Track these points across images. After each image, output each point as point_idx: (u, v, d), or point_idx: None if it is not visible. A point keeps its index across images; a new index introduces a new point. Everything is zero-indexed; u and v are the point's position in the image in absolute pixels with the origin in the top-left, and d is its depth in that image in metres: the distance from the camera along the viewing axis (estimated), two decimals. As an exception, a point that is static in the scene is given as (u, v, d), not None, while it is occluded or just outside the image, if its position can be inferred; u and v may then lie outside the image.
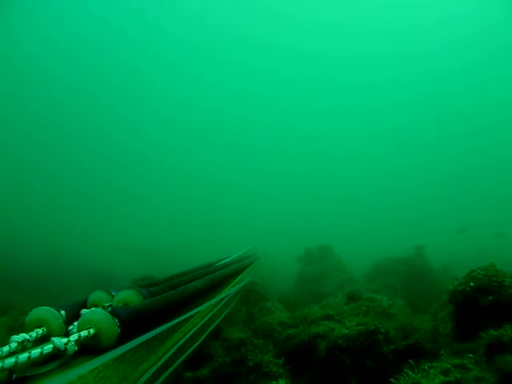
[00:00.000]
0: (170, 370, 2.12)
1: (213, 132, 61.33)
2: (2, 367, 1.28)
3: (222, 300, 3.26)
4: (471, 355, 3.00)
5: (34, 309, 1.75)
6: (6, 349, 1.44)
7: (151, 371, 1.81)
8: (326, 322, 4.85)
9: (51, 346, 1.48)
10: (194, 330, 2.44)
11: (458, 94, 54.62)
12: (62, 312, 1.81)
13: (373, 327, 3.96)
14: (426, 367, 2.81)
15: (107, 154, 51.99)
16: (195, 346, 2.66)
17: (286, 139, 59.39)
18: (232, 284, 3.74)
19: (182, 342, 2.22)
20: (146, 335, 1.79)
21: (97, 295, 2.17)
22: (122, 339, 1.70)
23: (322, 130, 60.10)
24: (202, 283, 2.86)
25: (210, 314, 2.85)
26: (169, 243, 24.94)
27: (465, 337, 4.02)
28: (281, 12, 60.01)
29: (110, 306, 2.09)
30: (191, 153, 57.97)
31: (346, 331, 4.07)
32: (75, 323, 1.74)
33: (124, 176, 49.97)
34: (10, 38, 47.86)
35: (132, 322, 1.79)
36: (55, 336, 1.56)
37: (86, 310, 1.83)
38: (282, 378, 3.81)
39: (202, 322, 2.64)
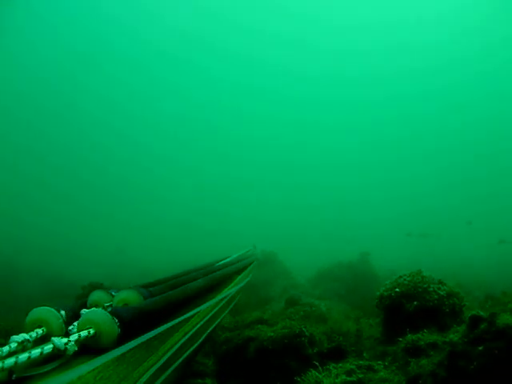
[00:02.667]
0: (170, 370, 2.10)
1: (213, 136, 62.44)
2: (2, 367, 1.27)
3: (222, 300, 3.25)
4: (380, 361, 3.06)
5: (34, 309, 1.75)
6: (5, 349, 1.43)
7: (151, 371, 1.80)
8: (259, 325, 4.88)
9: (51, 346, 1.47)
10: (194, 330, 2.43)
11: (458, 88, 55.45)
12: (62, 312, 1.81)
13: (297, 330, 4.00)
14: (331, 367, 2.84)
15: (93, 159, 52.09)
16: (195, 345, 2.64)
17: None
18: (232, 284, 3.75)
19: (182, 342, 2.20)
20: (146, 335, 1.80)
21: (97, 295, 2.17)
22: (122, 339, 1.69)
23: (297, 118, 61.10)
24: (202, 283, 2.86)
25: (210, 314, 2.85)
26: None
27: (390, 340, 4.09)
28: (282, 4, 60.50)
29: (110, 306, 2.09)
30: (186, 159, 58.42)
31: (272, 334, 4.09)
32: (75, 323, 1.73)
33: (112, 179, 50.14)
34: (11, 38, 46.86)
35: (132, 322, 1.79)
36: (55, 336, 1.55)
37: (86, 310, 1.84)
38: (209, 377, 4.13)
39: (202, 322, 2.64)
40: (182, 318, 2.19)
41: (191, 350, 2.52)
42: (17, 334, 1.55)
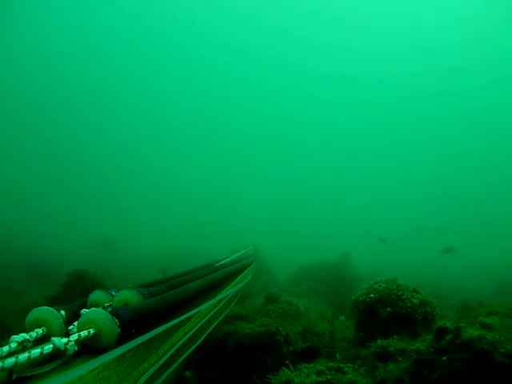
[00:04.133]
0: (170, 369, 2.12)
1: (213, 135, 61.61)
2: (2, 367, 1.27)
3: (222, 300, 3.27)
4: (350, 364, 3.20)
5: (34, 309, 1.73)
6: (5, 349, 1.42)
7: (151, 371, 1.81)
8: (238, 321, 4.98)
9: (51, 345, 1.47)
10: (194, 330, 2.44)
11: (470, 92, 55.79)
12: (62, 312, 1.79)
13: (274, 329, 4.12)
14: (303, 367, 2.97)
15: (103, 153, 51.47)
16: (195, 345, 2.67)
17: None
18: (232, 284, 3.76)
19: (182, 341, 2.21)
20: (146, 335, 1.81)
21: (97, 295, 2.15)
22: (122, 339, 1.69)
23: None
24: (202, 283, 2.87)
25: (210, 314, 2.86)
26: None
27: (363, 344, 4.23)
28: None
29: (111, 305, 2.08)
30: (190, 155, 57.75)
31: (249, 331, 4.20)
32: (75, 323, 1.72)
33: (118, 173, 49.36)
34: (12, 38, 45.98)
35: (132, 322, 1.79)
36: (55, 336, 1.54)
37: (86, 310, 1.81)
38: (188, 369, 4.10)
39: (202, 322, 2.65)
40: (182, 317, 2.21)
41: (191, 350, 2.54)
42: None
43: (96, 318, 1.66)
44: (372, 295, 4.57)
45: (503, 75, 53.52)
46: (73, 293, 6.61)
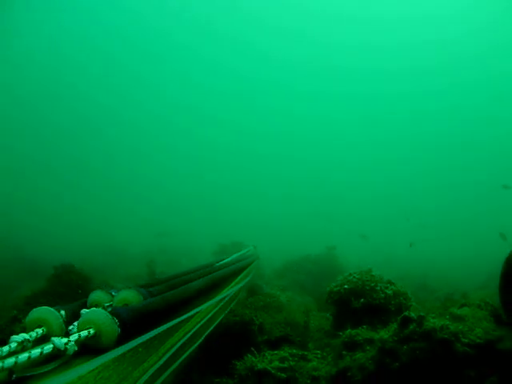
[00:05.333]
0: (170, 369, 2.14)
1: (214, 133, 60.27)
2: (2, 367, 1.26)
3: (222, 300, 3.29)
4: (318, 351, 3.25)
5: (34, 309, 1.72)
6: (5, 349, 1.42)
7: (151, 371, 1.82)
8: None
9: (51, 345, 1.47)
10: (194, 330, 2.45)
11: (466, 87, 55.79)
12: (62, 312, 1.79)
13: (248, 318, 4.16)
14: (267, 354, 3.02)
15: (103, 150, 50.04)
16: (195, 345, 2.68)
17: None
18: (232, 284, 3.79)
19: (182, 341, 2.22)
20: (146, 335, 1.83)
21: (97, 295, 2.15)
22: (122, 339, 1.71)
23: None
24: (203, 283, 2.89)
25: (210, 314, 2.88)
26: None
27: (336, 334, 4.27)
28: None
29: (111, 305, 2.08)
30: (192, 153, 56.53)
31: (224, 321, 4.24)
32: (75, 323, 1.72)
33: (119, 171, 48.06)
34: (11, 38, 45.09)
35: (132, 322, 1.80)
36: (55, 336, 1.54)
37: (86, 310, 1.81)
38: None
39: (203, 321, 2.66)
40: (182, 317, 2.23)
41: (191, 350, 2.55)
42: None
43: (96, 317, 1.67)
44: (346, 286, 4.63)
45: (492, 71, 53.64)
46: (59, 286, 6.60)
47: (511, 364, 2.55)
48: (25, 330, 1.64)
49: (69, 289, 6.43)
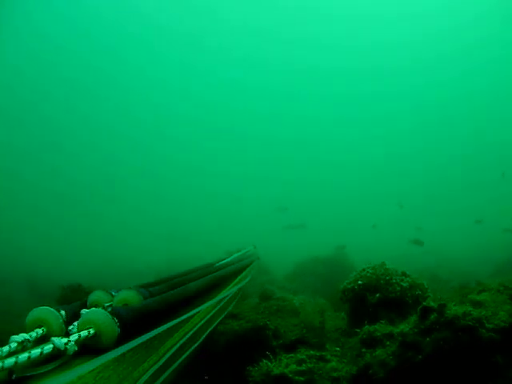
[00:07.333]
0: (170, 370, 2.10)
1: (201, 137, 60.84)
2: (2, 367, 1.25)
3: (222, 300, 3.24)
4: (338, 348, 3.13)
5: (34, 309, 1.71)
6: (5, 349, 1.41)
7: (151, 371, 1.80)
8: (230, 320, 4.94)
9: (51, 345, 1.46)
10: (194, 330, 2.42)
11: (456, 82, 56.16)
12: (62, 312, 1.78)
13: (262, 323, 4.05)
14: (282, 358, 2.91)
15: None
16: (195, 345, 2.64)
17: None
18: (232, 284, 3.73)
19: (182, 341, 2.20)
20: (146, 335, 1.78)
21: (97, 295, 2.14)
22: (122, 339, 1.69)
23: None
24: (202, 283, 2.85)
25: (210, 314, 2.84)
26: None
27: (353, 332, 4.16)
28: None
29: (111, 305, 2.06)
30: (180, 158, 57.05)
31: (237, 328, 4.14)
32: (75, 323, 1.71)
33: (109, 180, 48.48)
34: (12, 37, 45.83)
35: (132, 322, 1.78)
36: (55, 336, 1.53)
37: (86, 310, 1.79)
38: None
39: (203, 321, 2.63)
40: (182, 318, 2.17)
41: (191, 350, 2.52)
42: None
43: (96, 317, 1.65)
44: (360, 282, 4.50)
45: (492, 64, 53.54)
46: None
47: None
48: (25, 330, 1.63)
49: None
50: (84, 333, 1.58)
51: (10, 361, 1.28)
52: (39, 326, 1.67)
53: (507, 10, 48.93)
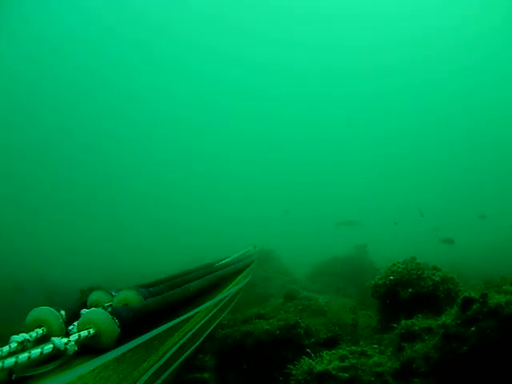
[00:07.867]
0: (170, 369, 2.10)
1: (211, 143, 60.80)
2: (2, 367, 1.27)
3: (222, 300, 3.25)
4: (376, 346, 3.07)
5: (34, 309, 1.74)
6: (5, 349, 1.43)
7: (151, 371, 1.79)
8: (256, 320, 4.89)
9: (51, 345, 1.46)
10: (194, 330, 2.42)
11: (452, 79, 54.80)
12: (62, 312, 1.80)
13: (293, 322, 3.99)
14: (324, 354, 2.85)
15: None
16: (195, 345, 2.64)
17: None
18: (232, 284, 3.76)
19: (182, 341, 2.19)
20: (146, 335, 1.80)
21: (97, 295, 2.17)
22: (122, 339, 1.69)
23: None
24: (202, 283, 2.85)
25: (210, 314, 2.84)
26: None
27: (386, 328, 4.10)
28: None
29: (110, 306, 2.08)
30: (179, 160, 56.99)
31: (268, 327, 4.09)
32: (75, 323, 1.72)
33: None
34: (9, 39, 46.68)
35: (132, 322, 1.78)
36: (55, 336, 1.54)
37: (86, 310, 1.81)
38: (207, 371, 4.21)
39: (202, 322, 2.62)
40: (182, 317, 2.18)
41: (191, 350, 2.51)
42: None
43: (96, 318, 1.66)
44: (391, 277, 4.41)
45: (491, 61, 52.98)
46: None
47: None
48: (25, 330, 1.64)
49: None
50: (84, 333, 1.58)
51: (10, 361, 1.29)
52: (39, 326, 1.69)
53: (507, 10, 48.50)
